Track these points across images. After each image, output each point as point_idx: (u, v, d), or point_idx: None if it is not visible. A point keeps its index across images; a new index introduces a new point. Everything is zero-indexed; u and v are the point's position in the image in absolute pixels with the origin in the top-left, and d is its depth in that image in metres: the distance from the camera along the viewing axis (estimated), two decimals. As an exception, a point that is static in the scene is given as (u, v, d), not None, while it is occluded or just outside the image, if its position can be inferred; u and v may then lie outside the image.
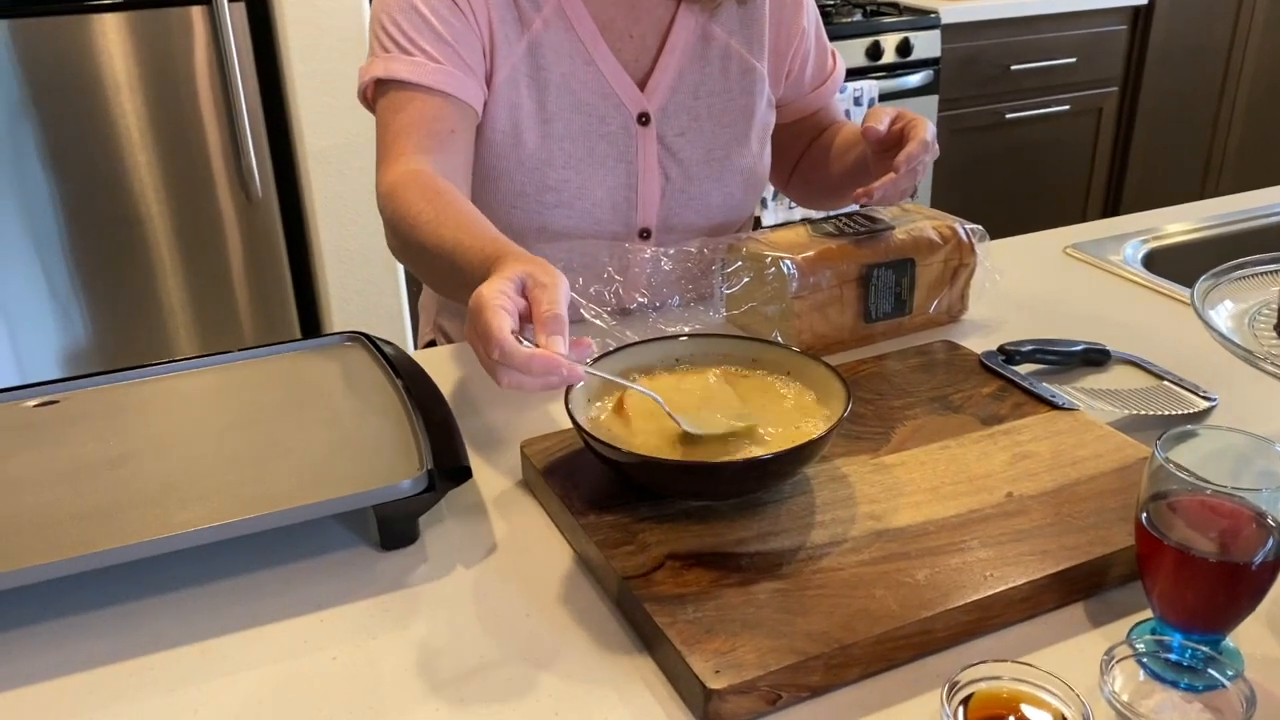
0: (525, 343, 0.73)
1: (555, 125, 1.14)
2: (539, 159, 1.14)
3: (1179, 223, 1.47)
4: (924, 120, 1.08)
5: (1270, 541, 0.64)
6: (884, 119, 1.09)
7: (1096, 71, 3.25)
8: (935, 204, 3.02)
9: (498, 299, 0.74)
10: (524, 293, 0.77)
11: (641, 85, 1.17)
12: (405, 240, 0.99)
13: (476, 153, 1.14)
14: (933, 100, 2.91)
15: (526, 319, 0.76)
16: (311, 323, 2.44)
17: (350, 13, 2.14)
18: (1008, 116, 3.12)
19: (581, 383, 0.81)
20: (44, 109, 2.07)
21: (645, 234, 1.21)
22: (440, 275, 0.98)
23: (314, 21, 2.15)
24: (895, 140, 1.09)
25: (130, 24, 2.07)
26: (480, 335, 0.74)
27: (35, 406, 0.93)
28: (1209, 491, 0.66)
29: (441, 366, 1.11)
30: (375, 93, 1.11)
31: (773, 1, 1.22)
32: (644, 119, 1.17)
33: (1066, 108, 3.22)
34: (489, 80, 1.12)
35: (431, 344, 1.35)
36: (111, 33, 2.07)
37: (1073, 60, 3.16)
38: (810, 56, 1.28)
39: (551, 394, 1.02)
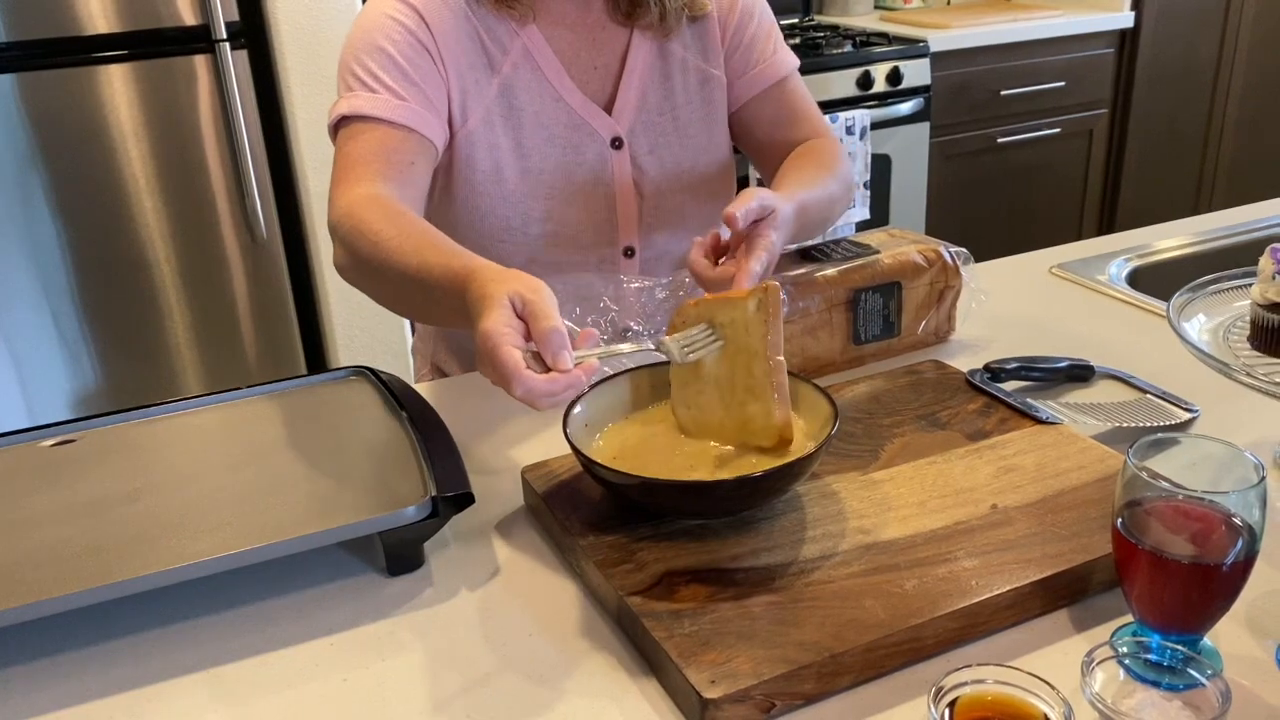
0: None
1: (533, 159, 1.19)
2: (521, 193, 1.18)
3: (1165, 240, 1.50)
4: (766, 243, 0.99)
5: (1240, 543, 0.67)
6: (739, 215, 0.98)
7: (1086, 94, 3.29)
8: (929, 229, 3.06)
9: (504, 335, 0.76)
10: (519, 313, 0.79)
11: (609, 110, 1.22)
12: (363, 258, 1.00)
13: (462, 194, 1.18)
14: (924, 127, 2.95)
15: (528, 337, 0.79)
16: (317, 362, 2.47)
17: (350, 57, 2.19)
18: (999, 141, 3.16)
19: (586, 391, 0.87)
20: (52, 158, 2.12)
21: (629, 252, 1.25)
22: (402, 294, 0.99)
23: (315, 67, 2.20)
24: (741, 239, 1.02)
25: (135, 74, 2.12)
26: (500, 377, 0.76)
27: (52, 446, 0.97)
28: (1180, 496, 0.69)
29: (443, 398, 1.15)
30: (340, 129, 1.13)
31: (719, 10, 1.26)
32: (617, 143, 1.22)
33: (1057, 130, 3.26)
34: (464, 124, 1.16)
35: None
36: (117, 83, 2.12)
37: (1061, 84, 3.20)
38: (755, 42, 1.27)
39: (550, 422, 1.05)
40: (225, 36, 2.12)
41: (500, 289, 0.80)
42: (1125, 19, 3.24)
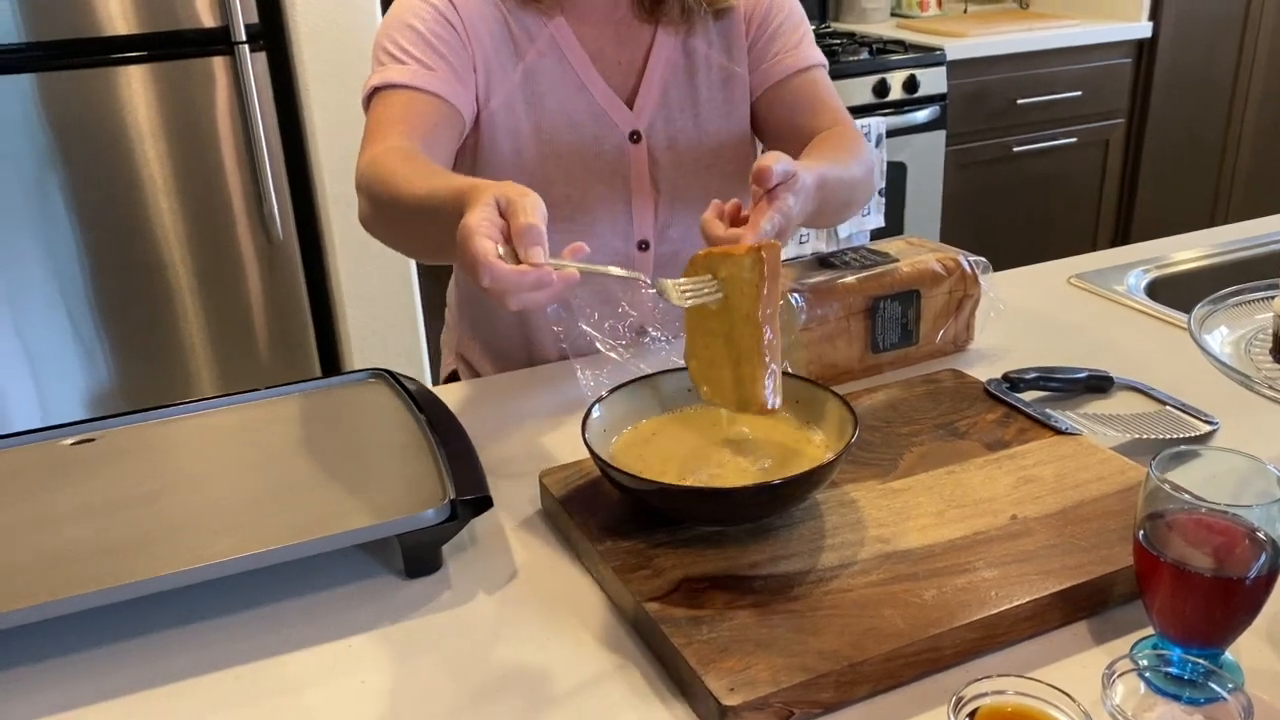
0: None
1: (552, 145, 1.21)
2: (539, 177, 1.20)
3: (1184, 251, 1.50)
4: (781, 205, 0.93)
5: (1263, 557, 0.67)
6: (775, 169, 0.93)
7: (1102, 104, 3.28)
8: (945, 237, 3.05)
9: (480, 226, 0.76)
10: (503, 214, 0.79)
11: (630, 104, 1.23)
12: (380, 201, 1.02)
13: (484, 176, 1.19)
14: (940, 135, 2.94)
15: (510, 239, 0.78)
16: (331, 363, 2.48)
17: (368, 59, 2.19)
18: (1015, 150, 3.15)
19: (605, 395, 0.84)
20: (70, 159, 2.13)
21: (644, 246, 1.26)
22: (418, 229, 1.00)
23: (333, 69, 2.21)
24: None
25: (154, 75, 2.13)
26: (468, 266, 0.76)
27: (72, 444, 0.97)
28: (1203, 509, 0.68)
29: (462, 400, 1.15)
30: (371, 100, 1.17)
31: (746, 5, 1.26)
32: (635, 137, 1.23)
33: (1073, 140, 3.25)
34: (488, 104, 1.18)
35: (453, 374, 1.40)
36: (136, 84, 2.12)
37: (1078, 94, 3.19)
38: (780, 34, 1.27)
39: (569, 426, 1.05)
40: (244, 38, 2.13)
41: (488, 192, 0.80)
42: (1143, 29, 3.23)
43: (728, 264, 0.85)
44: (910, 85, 2.85)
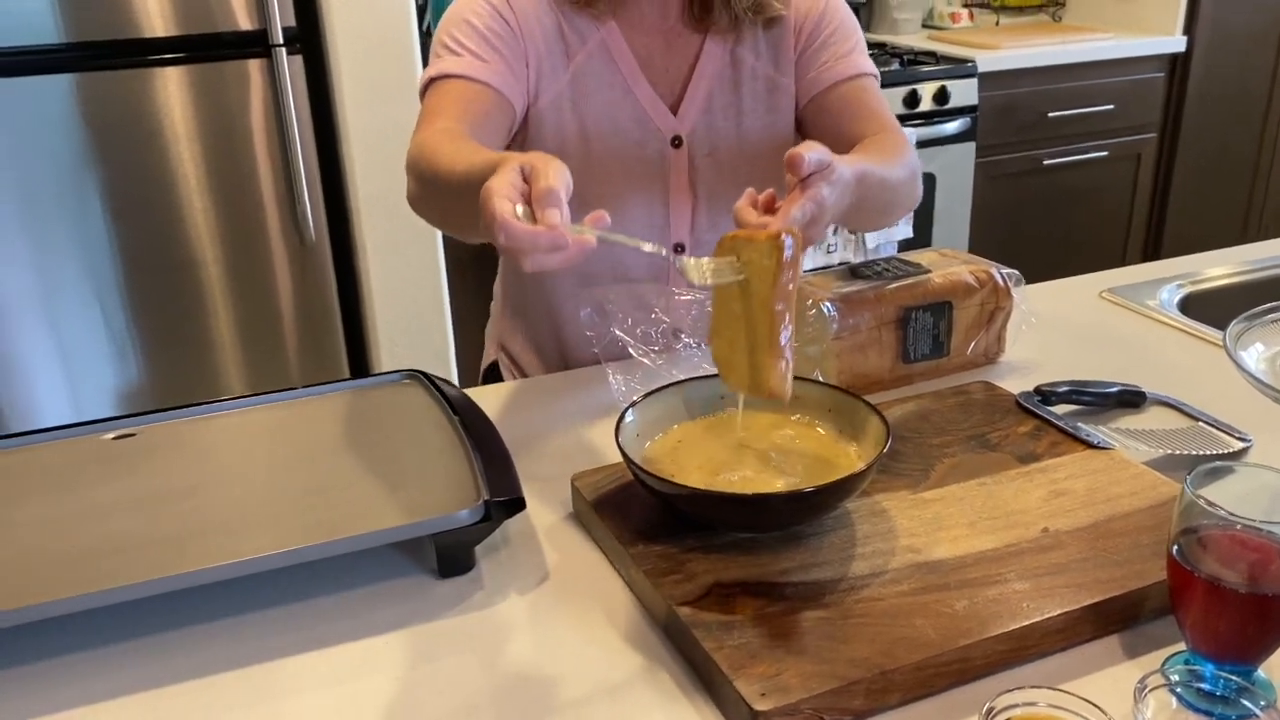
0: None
1: (595, 145, 1.23)
2: (581, 176, 1.19)
3: (1217, 267, 1.49)
4: (814, 194, 0.91)
5: (1299, 574, 0.67)
6: (807, 157, 0.91)
7: (1135, 118, 3.27)
8: (974, 249, 3.04)
9: (501, 189, 0.77)
10: (527, 179, 0.80)
11: (674, 110, 1.25)
12: (425, 178, 1.04)
13: None
14: (970, 147, 2.94)
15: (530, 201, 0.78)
16: (360, 363, 2.50)
17: (403, 63, 2.22)
18: (1045, 163, 3.14)
19: (638, 400, 0.84)
20: (106, 159, 2.15)
21: (680, 248, 1.28)
22: (460, 205, 0.99)
23: (368, 73, 2.23)
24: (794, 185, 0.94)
25: (190, 77, 2.16)
26: (487, 225, 0.76)
27: (114, 439, 0.99)
28: (1238, 526, 0.68)
29: (495, 402, 1.16)
30: (426, 90, 1.20)
31: (796, 16, 1.27)
32: (677, 142, 1.25)
33: (1105, 154, 3.24)
34: (537, 101, 1.21)
35: (494, 365, 1.43)
36: (172, 85, 2.15)
37: (1111, 107, 3.18)
38: (830, 43, 1.27)
39: (602, 429, 1.06)
40: (281, 41, 2.15)
41: (515, 159, 0.81)
42: (1177, 43, 3.22)
43: (749, 248, 0.85)
44: (941, 96, 2.85)
